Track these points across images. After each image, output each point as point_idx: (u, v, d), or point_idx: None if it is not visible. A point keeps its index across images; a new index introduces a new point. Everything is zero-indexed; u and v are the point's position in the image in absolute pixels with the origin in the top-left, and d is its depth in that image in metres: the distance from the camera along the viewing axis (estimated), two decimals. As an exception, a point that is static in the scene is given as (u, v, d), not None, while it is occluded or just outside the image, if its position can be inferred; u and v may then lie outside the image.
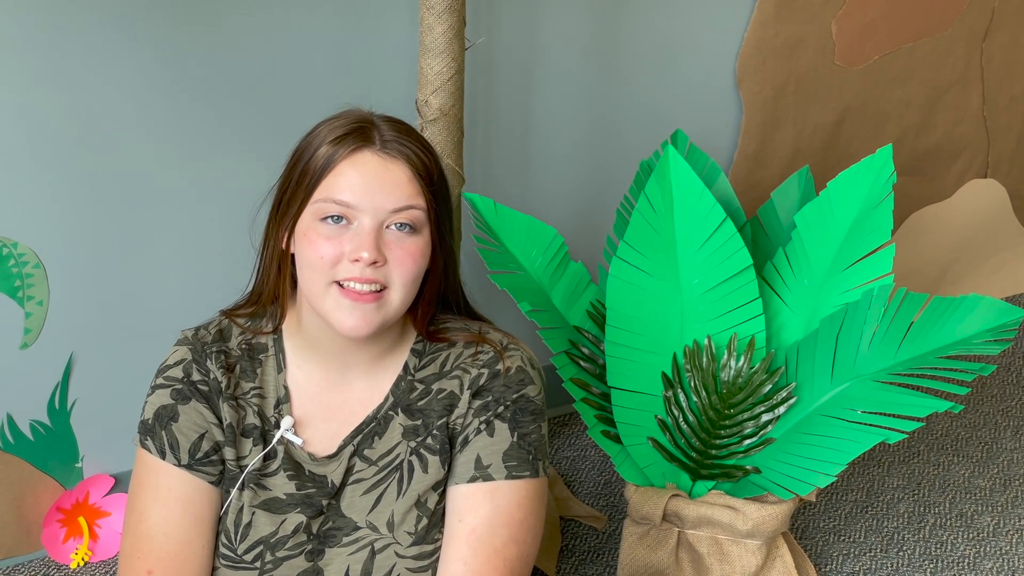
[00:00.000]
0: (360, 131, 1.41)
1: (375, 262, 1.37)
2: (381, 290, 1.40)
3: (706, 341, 2.03)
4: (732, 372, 2.03)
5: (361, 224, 1.39)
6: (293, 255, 1.46)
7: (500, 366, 1.50)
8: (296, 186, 1.42)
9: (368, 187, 1.38)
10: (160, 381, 1.50)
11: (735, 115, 2.78)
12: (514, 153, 2.52)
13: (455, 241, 2.07)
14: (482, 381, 1.50)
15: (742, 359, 2.02)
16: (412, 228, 1.41)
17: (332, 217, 1.39)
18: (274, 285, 1.50)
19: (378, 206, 1.38)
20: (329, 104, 1.56)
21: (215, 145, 2.17)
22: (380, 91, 2.25)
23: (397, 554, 1.46)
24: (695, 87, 2.70)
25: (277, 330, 1.53)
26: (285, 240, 1.46)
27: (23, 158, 2.03)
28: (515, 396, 1.49)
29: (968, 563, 2.37)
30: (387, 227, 1.40)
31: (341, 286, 1.39)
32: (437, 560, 1.47)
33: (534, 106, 2.50)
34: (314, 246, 1.39)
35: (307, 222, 1.41)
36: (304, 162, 1.42)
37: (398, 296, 1.42)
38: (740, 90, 2.74)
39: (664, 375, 2.06)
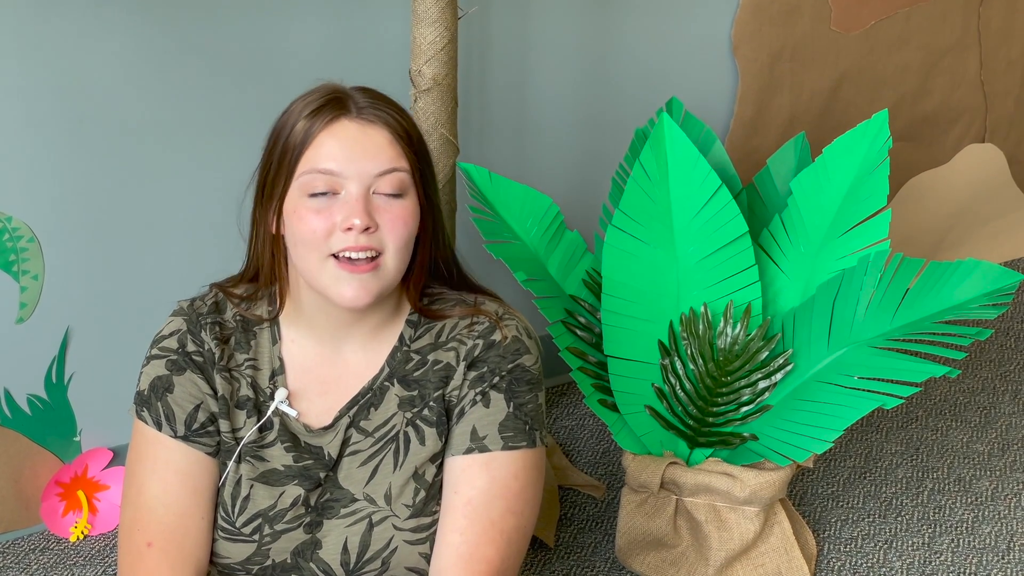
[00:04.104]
0: (335, 101, 1.41)
1: (367, 228, 1.37)
2: (376, 257, 1.39)
3: (702, 309, 2.03)
4: (729, 339, 2.03)
5: (348, 192, 1.38)
6: (283, 237, 1.45)
7: (495, 336, 1.50)
8: (278, 165, 1.41)
9: (350, 154, 1.38)
10: (155, 352, 1.50)
11: (731, 82, 2.77)
12: (508, 122, 2.51)
13: (443, 205, 2.07)
14: (477, 352, 1.49)
15: (738, 326, 2.02)
16: (399, 192, 1.40)
17: (319, 192, 1.38)
18: (270, 269, 1.49)
19: (362, 171, 1.38)
20: (324, 74, 1.55)
21: (211, 118, 2.16)
22: (373, 61, 2.24)
23: (395, 526, 1.46)
24: (690, 54, 2.68)
25: (275, 319, 1.53)
26: (274, 224, 1.45)
27: (17, 132, 2.02)
28: (511, 366, 1.49)
29: (966, 527, 2.38)
30: (375, 193, 1.39)
31: (336, 259, 1.39)
32: (435, 532, 1.47)
33: (528, 75, 2.49)
34: (304, 221, 1.39)
35: (294, 200, 1.40)
36: (283, 140, 1.41)
37: (393, 261, 1.41)
38: (736, 57, 2.73)
39: (661, 343, 2.06)
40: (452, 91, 2.03)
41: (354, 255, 1.38)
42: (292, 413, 1.49)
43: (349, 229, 1.37)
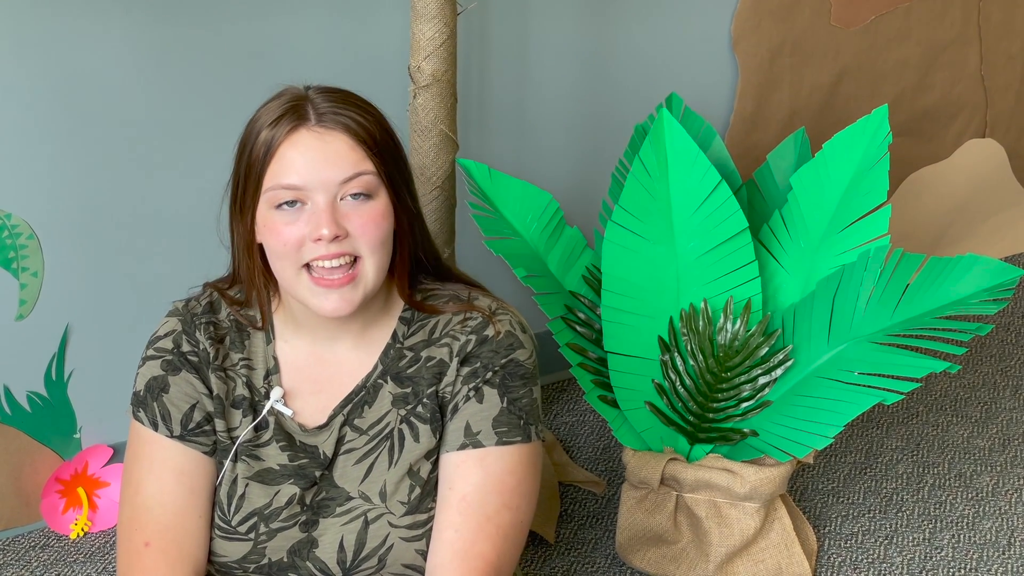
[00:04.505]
0: (294, 109, 1.40)
1: (336, 236, 1.37)
2: (353, 262, 1.39)
3: (702, 304, 2.02)
4: (729, 335, 2.03)
5: (315, 203, 1.38)
6: (262, 244, 1.45)
7: (488, 332, 1.49)
8: (246, 179, 1.42)
9: (311, 165, 1.37)
10: (151, 352, 1.50)
11: (731, 77, 2.76)
12: (508, 118, 2.50)
13: (442, 201, 2.06)
14: (470, 348, 1.49)
15: (738, 322, 2.02)
16: (366, 194, 1.40)
17: (287, 203, 1.38)
18: (249, 277, 1.49)
19: (326, 180, 1.37)
20: (320, 71, 1.55)
21: (211, 114, 2.16)
22: (373, 57, 2.24)
23: (390, 524, 1.46)
24: (690, 49, 2.68)
25: (264, 327, 1.52)
26: (252, 232, 1.45)
27: (16, 129, 2.02)
28: (504, 361, 1.48)
29: (967, 523, 2.38)
30: (341, 199, 1.39)
31: (311, 271, 1.39)
32: (431, 529, 1.47)
33: (528, 71, 2.49)
34: (275, 234, 1.39)
35: (264, 212, 1.40)
36: (248, 152, 1.41)
37: (371, 264, 1.41)
38: (736, 52, 2.73)
39: (661, 339, 2.06)
40: (451, 87, 2.02)
41: (327, 263, 1.38)
42: (287, 412, 1.49)
43: (319, 239, 1.37)
